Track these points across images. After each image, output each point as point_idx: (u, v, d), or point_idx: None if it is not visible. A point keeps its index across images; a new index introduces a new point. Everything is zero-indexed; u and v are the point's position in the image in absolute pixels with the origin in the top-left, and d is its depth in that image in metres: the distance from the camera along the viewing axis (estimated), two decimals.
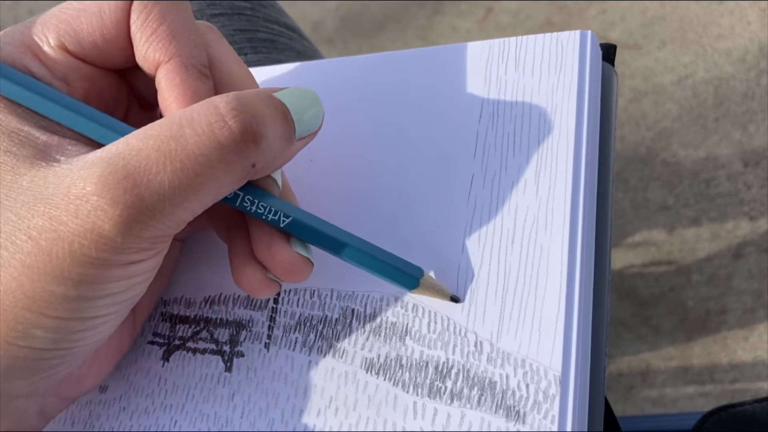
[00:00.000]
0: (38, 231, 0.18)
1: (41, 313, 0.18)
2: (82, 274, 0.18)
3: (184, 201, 0.18)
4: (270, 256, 0.21)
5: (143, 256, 0.19)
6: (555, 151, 0.21)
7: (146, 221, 0.18)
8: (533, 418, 0.19)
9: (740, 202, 0.81)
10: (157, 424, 0.23)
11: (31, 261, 0.18)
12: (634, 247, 0.83)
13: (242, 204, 0.20)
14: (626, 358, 0.79)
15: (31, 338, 0.19)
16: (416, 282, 0.21)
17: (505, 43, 0.23)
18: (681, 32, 0.93)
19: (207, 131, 0.18)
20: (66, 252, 0.18)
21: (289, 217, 0.20)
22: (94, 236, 0.17)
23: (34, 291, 0.18)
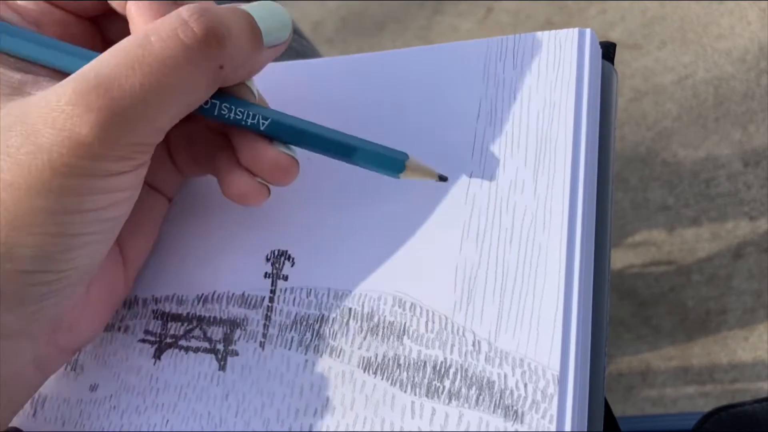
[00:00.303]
0: (16, 147, 0.18)
1: (26, 231, 0.18)
2: (63, 185, 0.18)
3: (158, 103, 0.18)
4: (254, 158, 0.21)
5: (123, 167, 0.19)
6: (553, 150, 0.21)
7: (122, 124, 0.18)
8: (531, 418, 0.18)
9: (740, 202, 0.81)
10: (148, 423, 0.23)
11: (11, 177, 0.18)
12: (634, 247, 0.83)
13: (220, 112, 0.20)
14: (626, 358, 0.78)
15: (18, 259, 0.19)
16: (402, 165, 0.21)
17: (504, 41, 0.23)
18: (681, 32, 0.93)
19: (172, 35, 0.18)
20: (45, 163, 0.18)
21: (268, 118, 0.21)
22: (72, 143, 0.18)
23: (16, 208, 0.18)
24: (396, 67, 0.25)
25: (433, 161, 0.23)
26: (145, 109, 0.18)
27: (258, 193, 0.22)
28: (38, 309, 0.20)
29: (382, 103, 0.24)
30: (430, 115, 0.23)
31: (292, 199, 0.24)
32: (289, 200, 0.24)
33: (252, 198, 0.22)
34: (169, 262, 0.26)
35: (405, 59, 0.25)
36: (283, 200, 0.24)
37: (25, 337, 0.21)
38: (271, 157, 0.21)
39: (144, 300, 0.25)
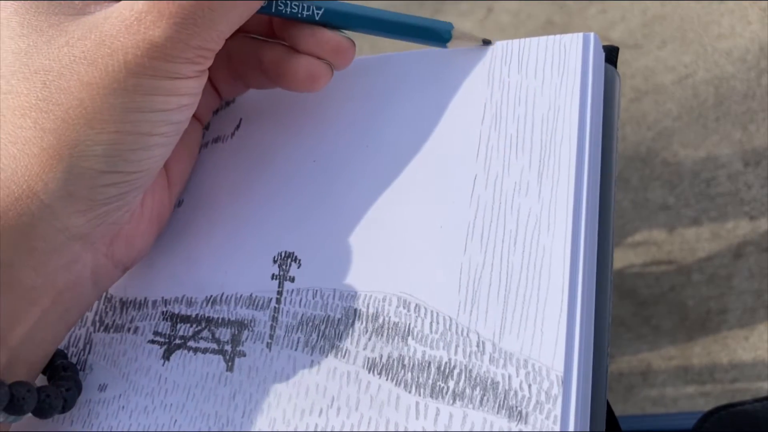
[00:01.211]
0: (92, 51, 0.20)
1: (102, 128, 0.20)
2: (137, 84, 0.20)
3: (221, 7, 0.20)
4: (316, 42, 0.23)
5: (189, 71, 0.21)
6: (557, 153, 0.21)
7: (191, 27, 0.20)
8: (535, 419, 0.19)
9: (741, 201, 0.81)
10: (156, 423, 0.23)
11: (89, 78, 0.20)
12: (635, 247, 0.83)
13: (277, 9, 0.23)
14: (626, 358, 0.79)
15: (92, 157, 0.20)
16: (449, 34, 0.23)
17: (509, 45, 0.23)
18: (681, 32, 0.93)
19: None
20: (121, 64, 0.20)
21: (321, 8, 0.23)
22: (147, 44, 0.19)
23: (93, 106, 0.20)
24: (400, 70, 0.25)
25: (438, 164, 0.23)
26: (210, 14, 0.20)
27: (325, 71, 0.23)
28: (104, 213, 0.22)
29: (387, 106, 0.24)
30: (436, 118, 0.23)
31: (298, 202, 0.25)
32: (295, 203, 0.25)
33: (321, 77, 0.23)
34: (178, 264, 0.26)
35: (410, 62, 0.25)
36: (290, 203, 0.25)
37: (88, 243, 0.22)
38: (332, 38, 0.23)
39: (154, 302, 0.26)
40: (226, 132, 0.28)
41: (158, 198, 0.25)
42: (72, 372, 0.24)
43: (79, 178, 0.20)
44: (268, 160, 0.26)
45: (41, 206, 0.20)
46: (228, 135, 0.28)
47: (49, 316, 0.22)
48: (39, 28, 0.21)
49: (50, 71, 0.20)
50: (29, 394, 0.21)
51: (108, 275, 0.24)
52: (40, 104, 0.20)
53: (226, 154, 0.27)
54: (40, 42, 0.20)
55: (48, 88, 0.20)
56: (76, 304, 0.23)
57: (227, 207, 0.26)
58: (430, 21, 0.23)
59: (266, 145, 0.26)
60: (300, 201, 0.24)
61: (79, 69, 0.20)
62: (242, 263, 0.24)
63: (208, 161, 0.28)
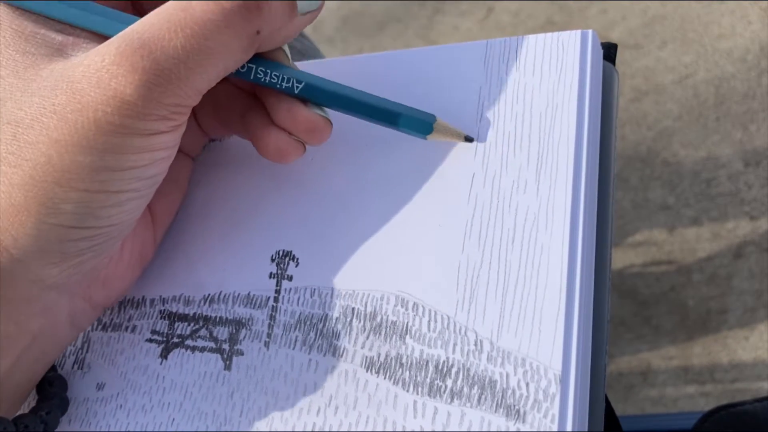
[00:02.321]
0: (62, 105, 0.19)
1: (70, 186, 0.19)
2: (107, 143, 0.19)
3: (198, 65, 0.19)
4: (291, 118, 0.22)
5: (163, 127, 0.20)
6: (556, 151, 0.21)
7: (164, 85, 0.19)
8: (533, 417, 0.19)
9: (741, 201, 0.81)
10: (154, 422, 0.23)
11: (58, 135, 0.19)
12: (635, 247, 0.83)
13: (256, 76, 0.21)
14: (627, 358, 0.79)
15: (62, 214, 0.19)
16: (430, 127, 0.22)
17: (506, 43, 0.23)
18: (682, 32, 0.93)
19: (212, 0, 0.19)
20: (91, 121, 0.19)
21: (302, 82, 0.22)
22: (117, 102, 0.19)
23: (62, 164, 0.19)
24: (398, 68, 0.25)
25: (436, 161, 0.23)
26: (186, 71, 0.19)
27: (294, 149, 0.23)
28: (78, 263, 0.21)
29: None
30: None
31: (296, 200, 0.25)
32: (292, 201, 0.25)
33: (289, 155, 0.23)
34: (176, 263, 0.26)
35: (407, 60, 0.25)
36: (287, 201, 0.25)
37: (63, 291, 0.22)
38: (307, 118, 0.22)
39: (152, 300, 0.26)
40: None
41: (140, 239, 0.25)
42: (58, 387, 0.24)
43: (49, 234, 0.20)
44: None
45: (12, 260, 0.20)
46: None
47: (25, 359, 0.22)
48: (16, 71, 0.20)
49: (20, 123, 0.19)
50: (6, 430, 0.21)
51: (86, 317, 0.24)
52: (10, 158, 0.19)
53: (224, 153, 0.27)
54: (14, 88, 0.20)
55: (17, 141, 0.19)
56: (52, 346, 0.23)
57: (225, 206, 0.26)
58: (413, 111, 0.22)
59: None
60: (298, 199, 0.24)
61: (48, 123, 0.19)
62: (240, 262, 0.24)
63: (206, 160, 0.28)
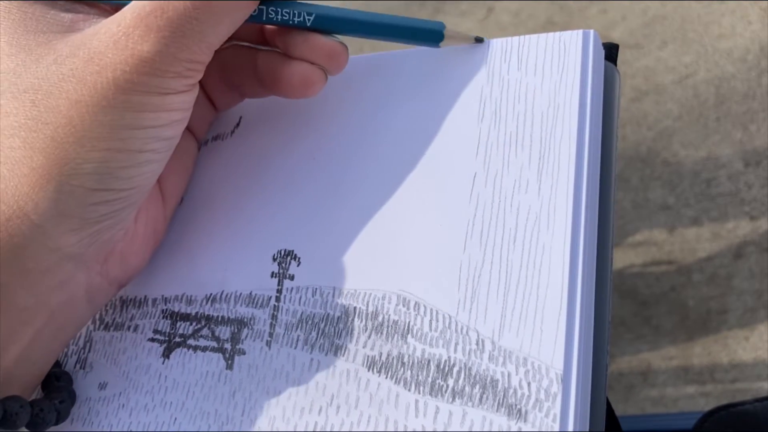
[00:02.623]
0: (81, 69, 0.20)
1: (92, 146, 0.20)
2: (126, 101, 0.20)
3: (209, 19, 0.20)
4: (309, 48, 0.23)
5: (179, 86, 0.20)
6: (557, 150, 0.21)
7: (180, 40, 0.20)
8: (535, 417, 0.19)
9: (741, 201, 0.81)
10: (156, 421, 0.23)
11: (77, 96, 0.19)
12: (635, 247, 0.83)
13: (268, 16, 0.22)
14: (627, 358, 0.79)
15: (83, 175, 0.20)
16: (441, 35, 0.23)
17: (508, 43, 0.23)
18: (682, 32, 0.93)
19: None
20: (110, 81, 0.19)
21: (312, 14, 0.22)
22: (135, 60, 0.19)
23: (82, 124, 0.19)
24: (399, 68, 0.25)
25: (438, 161, 0.23)
26: (198, 26, 0.20)
27: (319, 77, 0.23)
28: (96, 232, 0.21)
29: (386, 104, 0.24)
30: (435, 116, 0.23)
31: (298, 200, 0.25)
32: (294, 200, 0.25)
33: (314, 83, 0.23)
34: (178, 262, 0.26)
35: (409, 60, 0.25)
36: (289, 200, 0.25)
37: (81, 263, 0.22)
38: (325, 43, 0.23)
39: (154, 300, 0.26)
40: (226, 130, 0.28)
41: (152, 214, 0.25)
42: (65, 381, 0.24)
43: (70, 197, 0.20)
44: (267, 158, 0.26)
45: (32, 227, 0.20)
46: (228, 133, 0.28)
47: (42, 336, 0.22)
48: (27, 47, 0.20)
49: (39, 90, 0.20)
50: (22, 410, 0.21)
51: (103, 293, 0.24)
52: (29, 123, 0.20)
53: (225, 152, 0.27)
54: (28, 61, 0.20)
55: (37, 107, 0.20)
56: (70, 323, 0.23)
57: (227, 205, 0.26)
58: (421, 21, 0.23)
59: (266, 142, 0.26)
60: (299, 199, 0.24)
61: (67, 87, 0.19)
62: (242, 261, 0.24)
63: (207, 159, 0.28)
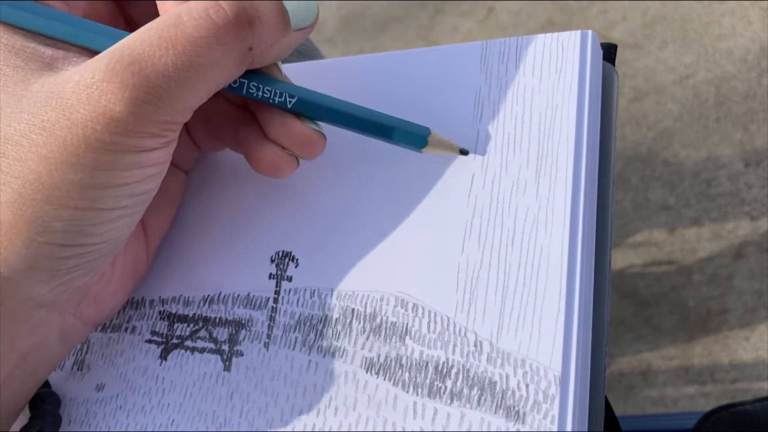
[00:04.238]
0: (51, 122, 0.19)
1: (59, 204, 0.19)
2: (97, 160, 0.19)
3: (188, 82, 0.19)
4: (285, 133, 0.22)
5: (154, 144, 0.20)
6: (555, 151, 0.21)
7: (155, 102, 0.19)
8: (533, 418, 0.19)
9: (741, 202, 0.81)
10: (154, 423, 0.23)
11: (47, 152, 0.19)
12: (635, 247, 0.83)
13: (248, 91, 0.21)
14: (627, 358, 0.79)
15: (51, 232, 0.19)
16: (424, 140, 0.22)
17: (506, 43, 0.23)
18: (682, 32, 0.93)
19: (204, 16, 0.19)
20: (80, 138, 0.18)
21: (295, 96, 0.21)
22: (106, 119, 0.18)
23: (51, 181, 0.19)
24: (398, 69, 0.25)
25: (435, 162, 0.23)
26: (176, 88, 0.19)
27: (288, 163, 0.22)
28: (68, 280, 0.21)
29: (383, 105, 0.24)
30: (432, 117, 0.23)
31: (296, 201, 0.24)
32: (292, 202, 0.25)
33: (283, 169, 0.22)
34: (175, 263, 0.26)
35: (407, 60, 0.25)
36: (287, 202, 0.25)
37: (53, 308, 0.21)
38: (300, 132, 0.22)
39: (151, 301, 0.26)
40: None
41: (132, 254, 0.24)
42: (51, 404, 0.24)
43: (39, 252, 0.19)
44: None
45: (1, 279, 0.19)
46: None
47: (14, 378, 0.21)
48: (5, 85, 0.20)
49: (9, 140, 0.19)
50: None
51: (77, 333, 0.23)
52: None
53: (223, 153, 0.27)
54: (4, 103, 0.20)
55: (6, 158, 0.19)
56: (43, 364, 0.22)
57: (225, 206, 0.26)
58: (407, 124, 0.22)
59: None
60: (298, 200, 0.24)
61: (38, 140, 0.19)
62: (239, 263, 0.24)
63: (205, 161, 0.28)
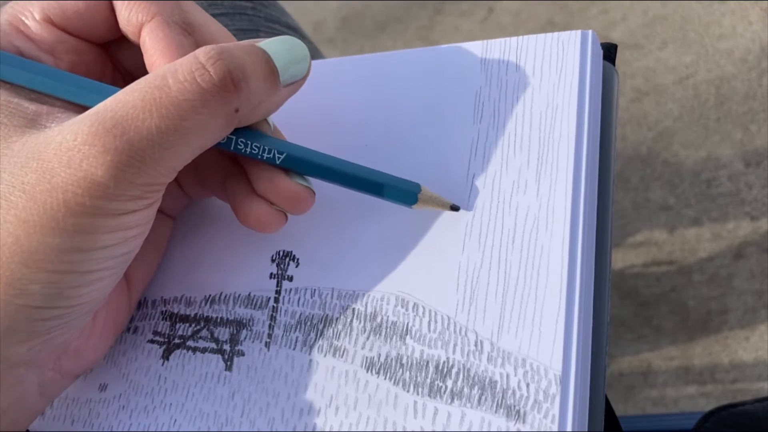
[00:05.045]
0: (32, 185, 0.18)
1: (38, 268, 0.18)
2: (77, 224, 0.18)
3: (173, 146, 0.18)
4: (273, 189, 0.21)
5: (136, 206, 0.19)
6: (556, 151, 0.21)
7: (137, 166, 0.18)
8: (533, 418, 0.19)
9: (741, 202, 0.81)
10: (156, 422, 0.23)
11: (26, 215, 0.18)
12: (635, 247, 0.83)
13: (236, 147, 0.21)
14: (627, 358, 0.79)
15: (29, 295, 0.19)
16: (415, 197, 0.21)
17: (507, 43, 0.23)
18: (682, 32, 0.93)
19: (189, 79, 0.19)
20: (60, 202, 0.18)
21: (283, 153, 0.21)
22: (87, 183, 0.18)
23: (30, 245, 0.18)
24: (398, 69, 0.25)
25: (436, 162, 0.23)
26: (160, 151, 0.18)
27: (276, 220, 0.22)
28: (47, 340, 0.20)
29: (384, 105, 0.24)
30: (433, 116, 0.23)
31: None
32: None
33: (270, 225, 0.22)
34: (177, 264, 0.26)
35: (408, 60, 0.25)
36: None
37: (32, 366, 0.21)
38: (288, 188, 0.21)
39: (153, 301, 0.26)
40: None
41: (114, 308, 0.24)
42: None
43: (16, 315, 0.19)
44: None
45: None
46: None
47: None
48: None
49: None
50: None
51: (56, 386, 0.23)
52: None
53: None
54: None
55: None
56: (22, 417, 0.22)
57: (225, 206, 0.26)
58: (398, 180, 0.22)
59: None
60: None
61: (17, 202, 0.18)
62: (240, 262, 0.25)
63: None
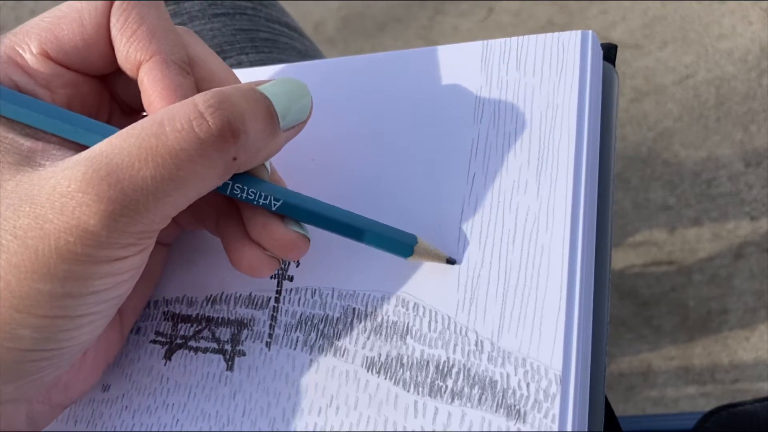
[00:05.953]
0: (24, 230, 0.18)
1: (28, 312, 0.18)
2: (68, 271, 0.18)
3: (167, 195, 0.18)
4: (267, 236, 0.21)
5: (129, 252, 0.19)
6: (556, 151, 0.21)
7: (131, 215, 0.18)
8: (534, 417, 0.19)
9: (741, 202, 0.81)
10: (159, 422, 0.23)
11: (17, 260, 0.18)
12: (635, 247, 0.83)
13: (233, 192, 0.20)
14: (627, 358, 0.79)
15: (19, 339, 0.19)
16: (410, 249, 0.21)
17: (507, 43, 0.23)
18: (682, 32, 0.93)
19: (186, 128, 0.18)
20: (52, 249, 0.18)
21: (280, 200, 0.21)
22: (80, 232, 0.18)
23: (20, 290, 0.18)
24: (399, 69, 0.25)
25: (437, 162, 0.23)
26: (154, 201, 0.18)
27: (268, 266, 0.22)
28: (36, 378, 0.20)
29: (384, 105, 0.25)
30: (433, 116, 0.23)
31: None
32: None
33: (262, 271, 0.22)
34: (178, 265, 0.26)
35: (408, 60, 0.25)
36: None
37: (21, 401, 0.21)
38: (283, 236, 0.21)
39: (155, 302, 0.26)
40: None
41: (105, 342, 0.24)
42: None
43: (6, 356, 0.19)
44: None
45: None
46: None
47: None
48: None
49: None
50: None
51: (45, 417, 0.23)
52: None
53: None
54: None
55: None
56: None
57: None
58: (394, 231, 0.21)
59: None
60: None
61: (8, 247, 0.18)
62: None
63: None
